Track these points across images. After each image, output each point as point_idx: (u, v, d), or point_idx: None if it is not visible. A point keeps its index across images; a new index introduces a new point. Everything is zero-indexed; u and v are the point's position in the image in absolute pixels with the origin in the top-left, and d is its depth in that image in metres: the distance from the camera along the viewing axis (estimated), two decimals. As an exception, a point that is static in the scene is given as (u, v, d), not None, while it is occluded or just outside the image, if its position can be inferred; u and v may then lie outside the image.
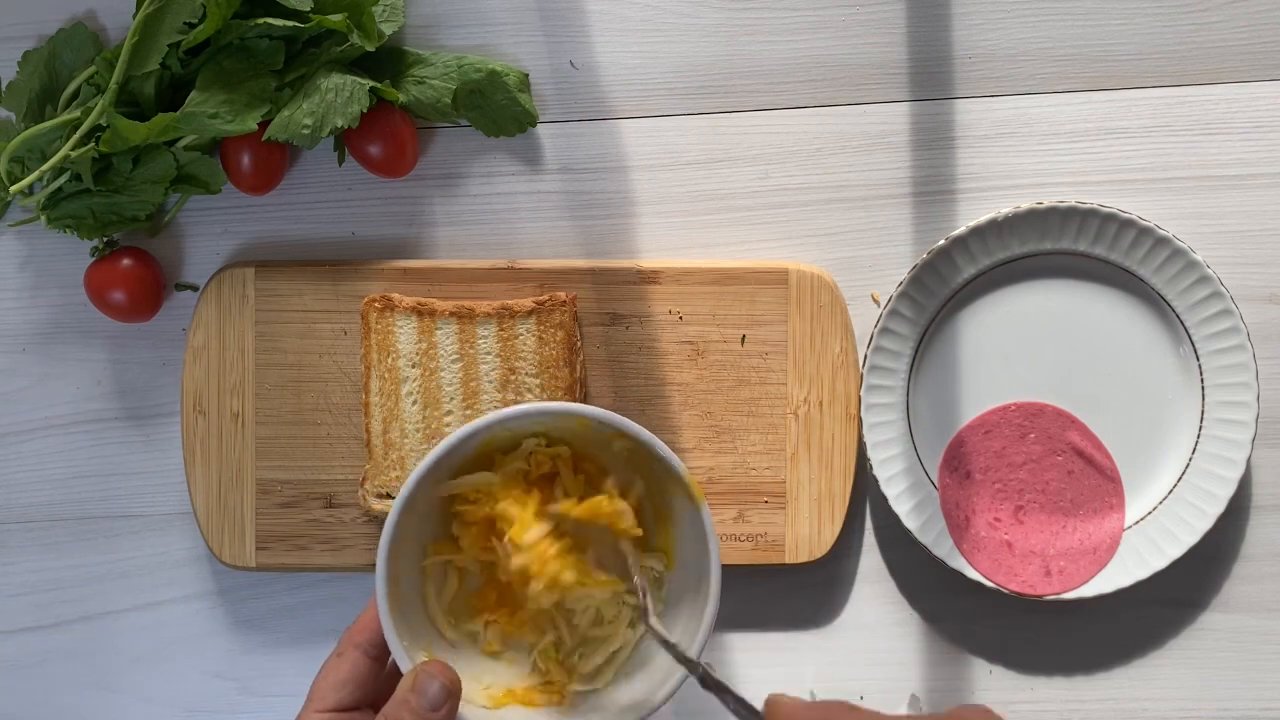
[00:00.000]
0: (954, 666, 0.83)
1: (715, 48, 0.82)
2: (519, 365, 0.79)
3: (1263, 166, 0.82)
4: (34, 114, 0.79)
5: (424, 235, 0.83)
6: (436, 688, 0.64)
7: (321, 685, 0.66)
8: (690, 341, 0.81)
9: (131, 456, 0.83)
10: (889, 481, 0.80)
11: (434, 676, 0.64)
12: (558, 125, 0.83)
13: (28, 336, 0.83)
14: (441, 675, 0.65)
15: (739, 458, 0.80)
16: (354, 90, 0.78)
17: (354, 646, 0.67)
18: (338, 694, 0.66)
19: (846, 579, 0.83)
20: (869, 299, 0.82)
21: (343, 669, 0.67)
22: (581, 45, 0.83)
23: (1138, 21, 0.82)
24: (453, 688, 0.65)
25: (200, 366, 0.81)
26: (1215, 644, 0.82)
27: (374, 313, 0.79)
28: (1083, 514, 0.81)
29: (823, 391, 0.80)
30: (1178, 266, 0.79)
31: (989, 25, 0.82)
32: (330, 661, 0.67)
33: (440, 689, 0.64)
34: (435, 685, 0.64)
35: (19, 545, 0.83)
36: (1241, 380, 0.79)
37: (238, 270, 0.81)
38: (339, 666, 0.67)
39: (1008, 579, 0.80)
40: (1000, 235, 0.79)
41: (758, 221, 0.82)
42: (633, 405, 0.80)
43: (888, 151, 0.82)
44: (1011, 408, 0.81)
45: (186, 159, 0.79)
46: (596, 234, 0.83)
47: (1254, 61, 0.82)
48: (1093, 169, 0.82)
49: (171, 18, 0.75)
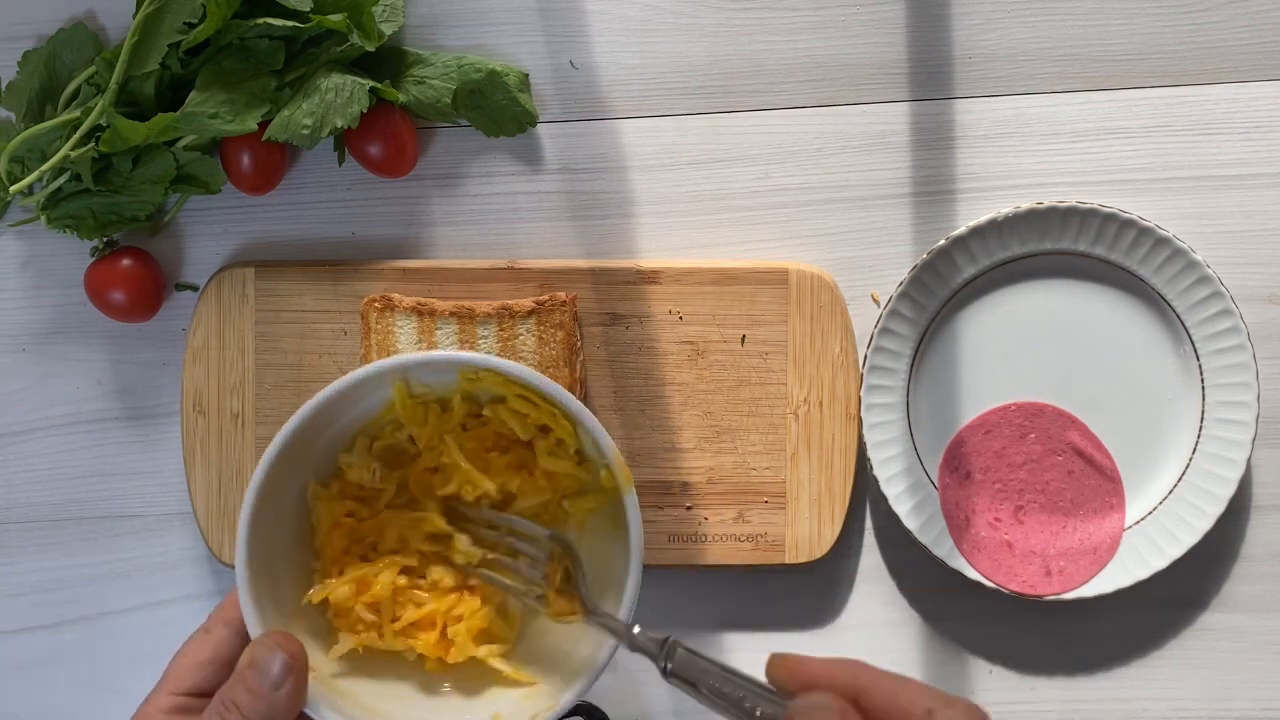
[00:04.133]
0: (954, 666, 0.83)
1: (715, 48, 0.82)
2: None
3: (1263, 166, 0.82)
4: (34, 114, 0.79)
5: (424, 235, 0.83)
6: (278, 663, 0.56)
7: (179, 664, 0.59)
8: (690, 341, 0.81)
9: (131, 456, 0.83)
10: (889, 481, 0.80)
11: (274, 649, 0.57)
12: (558, 125, 0.83)
13: (28, 336, 0.83)
14: (283, 647, 0.57)
15: (739, 458, 0.80)
16: (354, 90, 0.78)
17: (224, 624, 0.60)
18: (196, 675, 0.58)
19: (846, 579, 0.83)
20: (869, 299, 0.82)
21: (206, 647, 0.59)
22: (581, 45, 0.83)
23: (1138, 21, 0.82)
24: (294, 663, 0.57)
25: (200, 366, 0.81)
26: (1215, 644, 0.82)
27: (374, 313, 0.79)
28: (1083, 514, 0.81)
29: (823, 391, 0.80)
30: (1178, 266, 0.79)
31: (989, 25, 0.82)
32: (193, 638, 0.60)
33: (281, 664, 0.56)
34: (276, 660, 0.56)
35: (19, 545, 0.83)
36: (1241, 380, 0.79)
37: (238, 270, 0.81)
38: (202, 644, 0.59)
39: (1008, 579, 0.80)
40: (1000, 235, 0.79)
41: (758, 221, 0.83)
42: (633, 405, 0.80)
43: (888, 151, 0.82)
44: (1011, 408, 0.81)
45: (186, 159, 0.79)
46: (596, 234, 0.83)
47: (1254, 61, 0.82)
48: (1093, 169, 0.82)
49: (171, 18, 0.75)
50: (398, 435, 0.64)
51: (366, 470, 0.63)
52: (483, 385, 0.63)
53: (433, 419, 0.63)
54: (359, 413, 0.64)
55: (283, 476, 0.62)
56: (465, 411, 0.64)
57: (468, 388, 0.63)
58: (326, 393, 0.60)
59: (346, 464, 0.64)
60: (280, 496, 0.62)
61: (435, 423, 0.63)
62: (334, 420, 0.63)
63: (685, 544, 0.81)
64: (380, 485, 0.64)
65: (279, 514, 0.63)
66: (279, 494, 0.62)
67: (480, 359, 0.61)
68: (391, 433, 0.64)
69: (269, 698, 0.56)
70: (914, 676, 0.83)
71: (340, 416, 0.63)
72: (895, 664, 0.83)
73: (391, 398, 0.62)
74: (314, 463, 0.63)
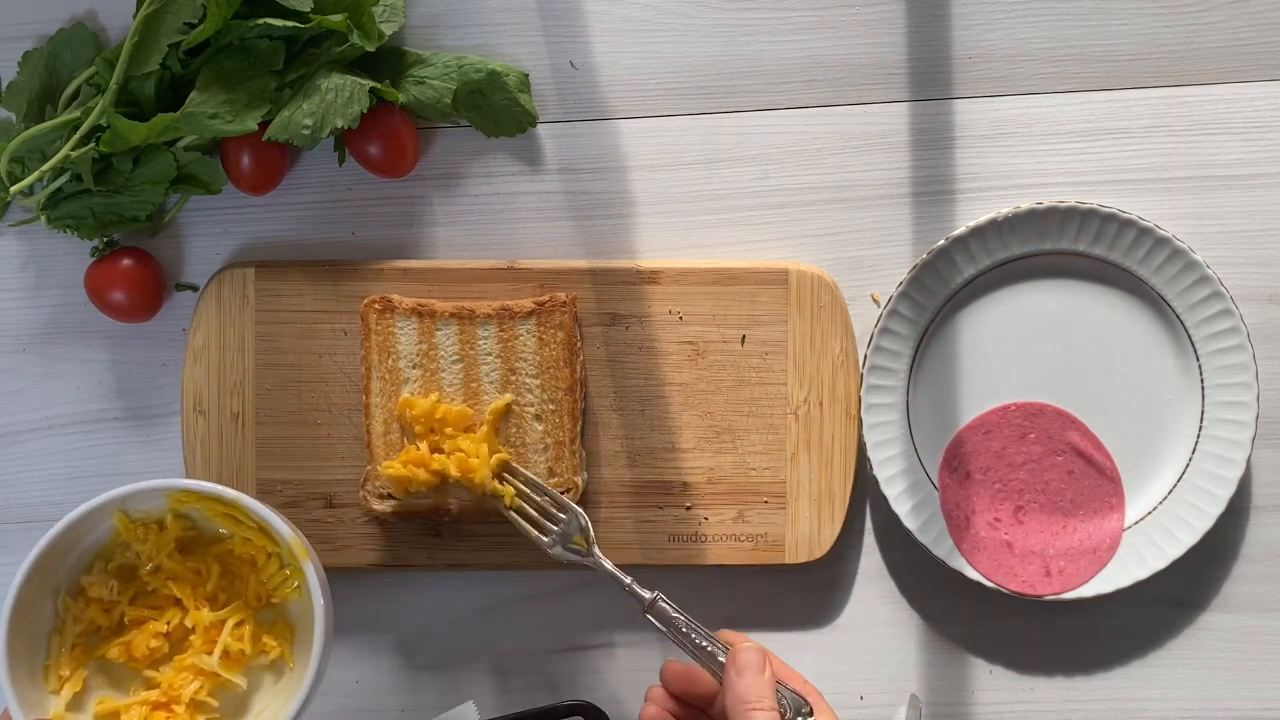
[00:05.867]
0: (954, 666, 0.83)
1: (715, 48, 0.82)
2: (519, 366, 0.79)
3: (1263, 166, 0.82)
4: (34, 114, 0.79)
5: (424, 235, 0.83)
6: None
7: None
8: (690, 341, 0.81)
9: (131, 456, 0.83)
10: (889, 481, 0.80)
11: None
12: (558, 125, 0.83)
13: (28, 336, 0.83)
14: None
15: (739, 458, 0.80)
16: (354, 90, 0.78)
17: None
18: None
19: (846, 579, 0.83)
20: (869, 299, 0.82)
21: None
22: (581, 45, 0.83)
23: (1138, 21, 0.82)
24: None
25: (200, 366, 0.81)
26: (1215, 644, 0.83)
27: (374, 314, 0.79)
28: (1083, 514, 0.81)
29: (823, 391, 0.80)
30: (1178, 266, 0.79)
31: (989, 25, 0.82)
32: None
33: None
34: None
35: (19, 545, 0.83)
36: (1241, 380, 0.79)
37: (238, 270, 0.81)
38: None
39: (1008, 579, 0.80)
40: (1000, 235, 0.79)
41: (758, 221, 0.83)
42: (633, 405, 0.80)
43: (888, 151, 0.82)
44: (1011, 408, 0.81)
45: (186, 159, 0.79)
46: (596, 234, 0.83)
47: (1254, 61, 0.82)
48: (1093, 169, 0.82)
49: (171, 18, 0.75)
50: (127, 554, 0.75)
51: (104, 587, 0.74)
52: (186, 502, 0.75)
53: (152, 537, 0.75)
54: (92, 539, 0.75)
55: (34, 601, 0.73)
56: (179, 527, 0.75)
57: (176, 506, 0.75)
58: (56, 530, 0.72)
59: (88, 583, 0.75)
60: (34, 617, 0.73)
61: (155, 539, 0.75)
62: (72, 548, 0.74)
63: (685, 544, 0.81)
64: (117, 598, 0.75)
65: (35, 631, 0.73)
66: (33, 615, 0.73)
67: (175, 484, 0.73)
68: (122, 553, 0.75)
69: None
70: (914, 676, 0.83)
71: (77, 544, 0.74)
72: (895, 664, 0.83)
73: (116, 525, 0.74)
74: (61, 584, 0.74)
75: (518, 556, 0.80)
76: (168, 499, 0.75)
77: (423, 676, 0.83)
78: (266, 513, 0.72)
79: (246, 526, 0.75)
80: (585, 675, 0.83)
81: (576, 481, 0.79)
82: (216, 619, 0.75)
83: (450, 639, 0.83)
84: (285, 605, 0.76)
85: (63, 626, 0.74)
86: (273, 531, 0.73)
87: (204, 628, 0.75)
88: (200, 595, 0.75)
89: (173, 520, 0.75)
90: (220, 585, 0.76)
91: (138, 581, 0.75)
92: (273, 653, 0.75)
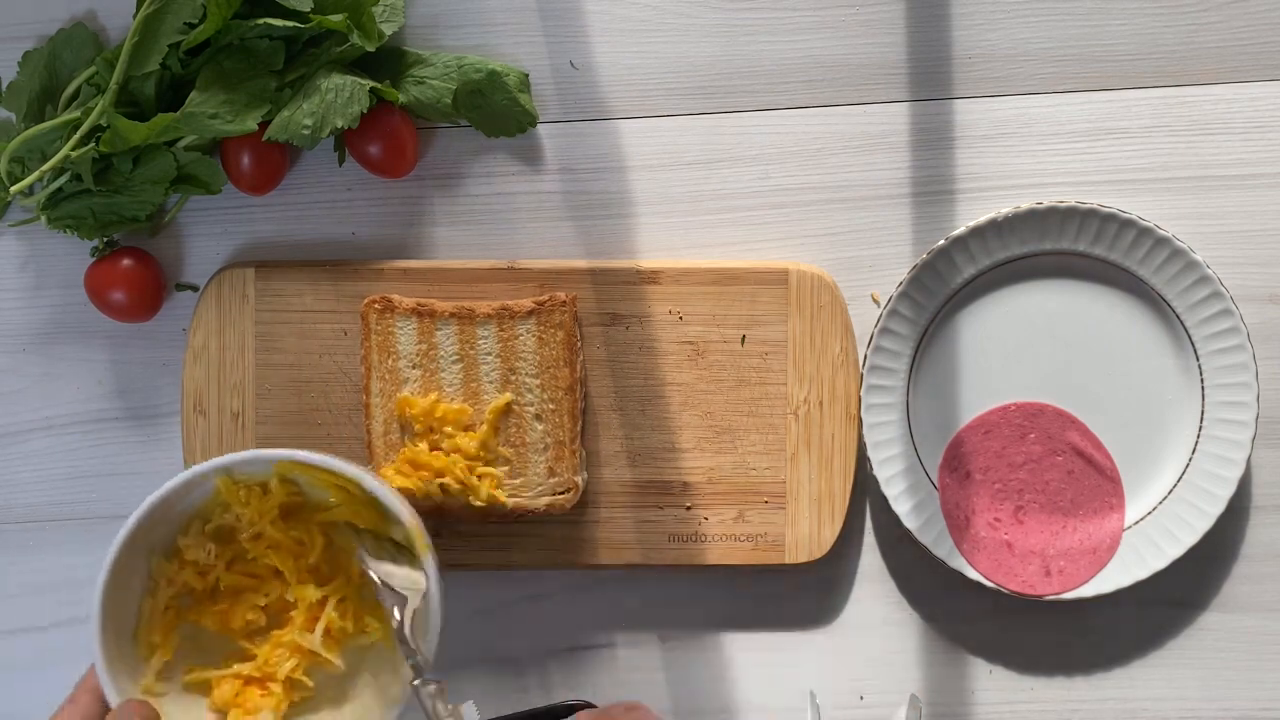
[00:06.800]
0: (954, 666, 0.83)
1: (715, 48, 0.82)
2: (519, 366, 0.79)
3: (1263, 166, 0.82)
4: (34, 114, 0.79)
5: (424, 235, 0.83)
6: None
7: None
8: (690, 341, 0.81)
9: (131, 456, 0.83)
10: (889, 481, 0.80)
11: (132, 715, 0.65)
12: (558, 125, 0.83)
13: (28, 336, 0.83)
14: (139, 713, 0.66)
15: (739, 458, 0.80)
16: (354, 90, 0.78)
17: (86, 691, 0.68)
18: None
19: (846, 579, 0.83)
20: (869, 299, 0.82)
21: (74, 714, 0.67)
22: (581, 45, 0.83)
23: (1138, 21, 0.82)
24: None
25: (200, 366, 0.81)
26: (1215, 644, 0.82)
27: (374, 314, 0.79)
28: (1083, 514, 0.81)
29: (823, 391, 0.80)
30: (1178, 266, 0.79)
31: (989, 25, 0.82)
32: (62, 707, 0.68)
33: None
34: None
35: (19, 545, 0.83)
36: (1241, 380, 0.79)
37: (238, 270, 0.81)
38: (70, 712, 0.68)
39: (1008, 579, 0.80)
40: (1000, 235, 0.79)
41: (758, 221, 0.82)
42: (633, 405, 0.80)
43: (888, 151, 0.82)
44: (1011, 408, 0.81)
45: (186, 159, 0.79)
46: (596, 234, 0.83)
47: (1254, 61, 0.82)
48: (1093, 169, 0.82)
49: (172, 18, 0.75)
50: (226, 516, 0.72)
51: (201, 550, 0.72)
52: (295, 469, 0.72)
53: (254, 500, 0.72)
54: (191, 500, 0.72)
55: (130, 562, 0.70)
56: (284, 491, 0.72)
57: (283, 472, 0.72)
58: (161, 491, 0.69)
59: (184, 545, 0.72)
60: (128, 579, 0.71)
61: (257, 503, 0.72)
62: (171, 508, 0.71)
63: (685, 544, 0.81)
64: (214, 561, 0.72)
65: (129, 593, 0.71)
66: (127, 577, 0.70)
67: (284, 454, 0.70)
68: (221, 514, 0.73)
69: None
70: (914, 676, 0.83)
71: (177, 504, 0.71)
72: (895, 664, 0.83)
73: (219, 486, 0.71)
74: (157, 545, 0.72)
75: (518, 556, 0.80)
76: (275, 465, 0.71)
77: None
78: (388, 495, 0.69)
79: (356, 500, 0.72)
80: (585, 675, 0.83)
81: (576, 481, 0.79)
82: (319, 595, 0.71)
83: (450, 639, 0.83)
84: None
85: (155, 589, 0.71)
86: (391, 515, 0.70)
87: (307, 604, 0.71)
88: (302, 567, 0.72)
89: (278, 485, 0.72)
90: (323, 558, 0.73)
91: (235, 546, 0.72)
92: (374, 635, 0.72)
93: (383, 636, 0.72)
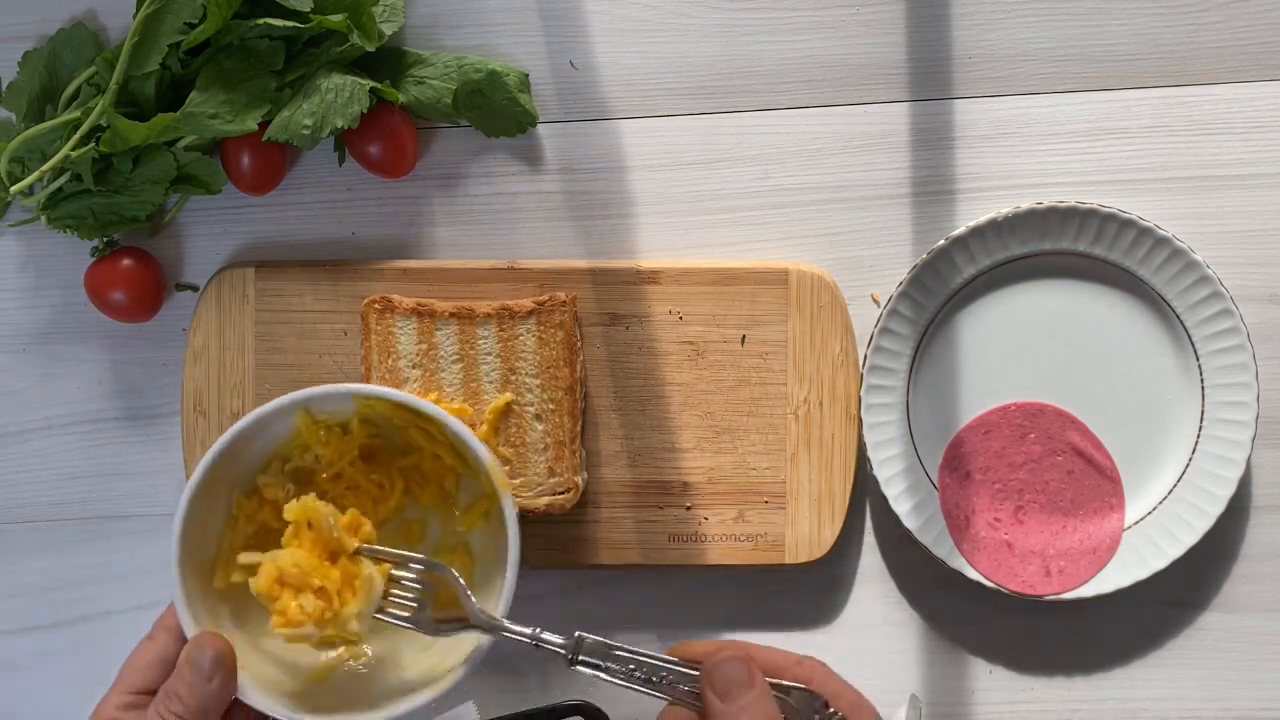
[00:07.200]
0: (954, 666, 0.83)
1: (715, 48, 0.82)
2: (519, 366, 0.79)
3: (1263, 166, 0.82)
4: (34, 114, 0.79)
5: (424, 235, 0.83)
6: (209, 658, 0.66)
7: (129, 667, 0.68)
8: (690, 341, 0.81)
9: (131, 456, 0.83)
10: (889, 481, 0.80)
11: (205, 647, 0.66)
12: (558, 125, 0.83)
13: (28, 336, 0.83)
14: (213, 645, 0.66)
15: (739, 458, 0.80)
16: (354, 90, 0.78)
17: (165, 630, 0.69)
18: (145, 675, 0.68)
19: (846, 579, 0.83)
20: (869, 299, 0.82)
21: (152, 650, 0.68)
22: (581, 45, 0.83)
23: (1138, 21, 0.82)
24: (223, 658, 0.66)
25: (200, 366, 0.81)
26: (1215, 644, 0.82)
27: (374, 314, 0.79)
28: (1083, 514, 0.81)
29: (823, 391, 0.80)
30: (1178, 266, 0.79)
31: (989, 25, 0.82)
32: (141, 644, 0.69)
33: (212, 659, 0.66)
34: (208, 656, 0.66)
35: (19, 545, 0.83)
36: (1241, 380, 0.79)
37: (238, 270, 0.81)
38: (149, 648, 0.69)
39: (1008, 579, 0.80)
40: (1000, 235, 0.79)
41: (758, 221, 0.83)
42: (633, 405, 0.80)
43: (888, 151, 0.82)
44: (1011, 408, 0.81)
45: (186, 159, 0.79)
46: (596, 234, 0.83)
47: (1254, 61, 0.82)
48: (1093, 169, 0.82)
49: (172, 18, 0.75)
50: (306, 457, 0.72)
51: (280, 489, 0.72)
52: (376, 409, 0.71)
53: (334, 441, 0.72)
54: (271, 437, 0.72)
55: (209, 497, 0.70)
56: (365, 433, 0.72)
57: (364, 412, 0.71)
58: (241, 424, 0.69)
59: (263, 484, 0.72)
60: (206, 516, 0.71)
61: (337, 444, 0.72)
62: (250, 444, 0.71)
63: (685, 544, 0.81)
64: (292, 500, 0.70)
65: (207, 530, 0.71)
66: (206, 513, 0.70)
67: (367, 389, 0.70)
68: (300, 454, 0.73)
69: (203, 689, 0.66)
70: (914, 676, 0.83)
71: (255, 440, 0.71)
72: (895, 664, 0.83)
73: (298, 424, 0.71)
74: (237, 482, 0.72)
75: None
76: (355, 402, 0.71)
77: (423, 676, 0.83)
78: (466, 434, 0.69)
79: (438, 443, 0.71)
80: (585, 675, 0.83)
81: (576, 481, 0.79)
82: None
83: (450, 639, 0.83)
84: (469, 534, 0.73)
85: (235, 525, 0.72)
86: (471, 455, 0.69)
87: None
88: (382, 510, 0.72)
89: (359, 426, 0.72)
90: (403, 502, 0.73)
91: (315, 486, 0.72)
92: None
93: None
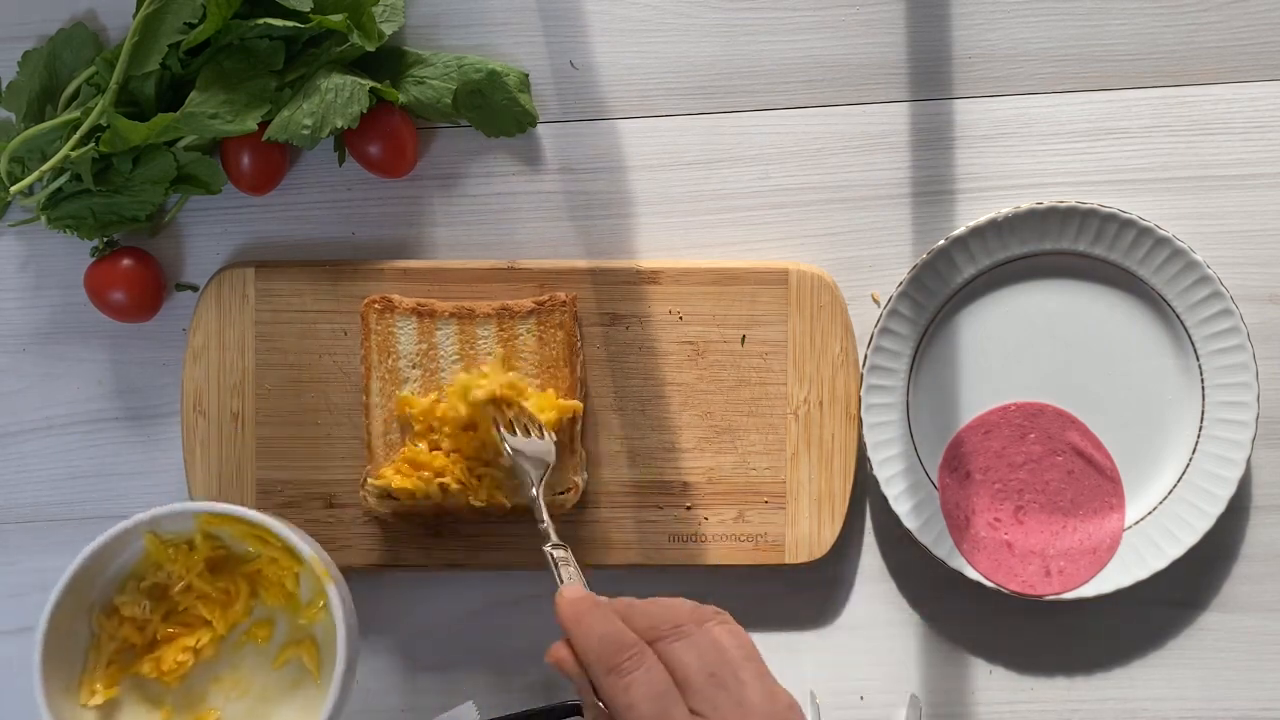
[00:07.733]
0: (954, 666, 0.83)
1: (715, 48, 0.82)
2: (519, 366, 0.79)
3: (1263, 166, 0.82)
4: (34, 114, 0.79)
5: (424, 235, 0.83)
6: None
7: None
8: (690, 341, 0.81)
9: (131, 456, 0.83)
10: (889, 481, 0.80)
11: None
12: (558, 125, 0.83)
13: (28, 336, 0.83)
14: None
15: (739, 458, 0.80)
16: (354, 90, 0.78)
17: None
18: None
19: (846, 579, 0.83)
20: (869, 299, 0.82)
21: None
22: (581, 45, 0.83)
23: (1138, 21, 0.82)
24: None
25: (200, 366, 0.81)
26: (1215, 644, 0.82)
27: (374, 314, 0.79)
28: (1083, 514, 0.81)
29: (823, 391, 0.80)
30: (1178, 266, 0.79)
31: (989, 25, 0.82)
32: None
33: None
34: None
35: (19, 545, 0.83)
36: (1241, 380, 0.79)
37: (238, 270, 0.81)
38: None
39: (1008, 579, 0.80)
40: (1000, 235, 0.79)
41: (758, 221, 0.83)
42: (633, 405, 0.80)
43: (888, 151, 0.82)
44: (1011, 408, 0.81)
45: (186, 159, 0.79)
46: (596, 234, 0.83)
47: (1254, 61, 0.82)
48: (1093, 169, 0.82)
49: (172, 18, 0.75)
50: (159, 574, 0.76)
51: (137, 606, 0.76)
52: (215, 524, 0.76)
53: (181, 557, 0.76)
54: (125, 559, 0.76)
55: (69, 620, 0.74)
56: (209, 547, 0.76)
57: (205, 527, 0.76)
58: (89, 550, 0.73)
59: (121, 602, 0.76)
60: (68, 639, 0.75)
61: (184, 559, 0.76)
62: (105, 567, 0.75)
63: (685, 544, 0.81)
64: (150, 616, 0.76)
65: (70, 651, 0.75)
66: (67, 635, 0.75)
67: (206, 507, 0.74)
68: (154, 572, 0.76)
69: None
70: (914, 676, 0.83)
71: (111, 563, 0.76)
72: (895, 664, 0.83)
73: (147, 545, 0.76)
74: (96, 603, 0.76)
75: (517, 556, 0.80)
76: (196, 520, 0.75)
77: (423, 676, 0.83)
78: (289, 532, 0.73)
79: (274, 547, 0.76)
80: (585, 675, 0.83)
81: (576, 481, 0.79)
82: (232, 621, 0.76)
83: (450, 639, 0.83)
84: (312, 626, 0.76)
85: (99, 644, 0.76)
86: (295, 551, 0.74)
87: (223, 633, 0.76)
88: (230, 615, 0.76)
89: (202, 540, 0.76)
90: (248, 605, 0.77)
91: (169, 600, 0.76)
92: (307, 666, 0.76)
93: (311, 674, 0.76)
